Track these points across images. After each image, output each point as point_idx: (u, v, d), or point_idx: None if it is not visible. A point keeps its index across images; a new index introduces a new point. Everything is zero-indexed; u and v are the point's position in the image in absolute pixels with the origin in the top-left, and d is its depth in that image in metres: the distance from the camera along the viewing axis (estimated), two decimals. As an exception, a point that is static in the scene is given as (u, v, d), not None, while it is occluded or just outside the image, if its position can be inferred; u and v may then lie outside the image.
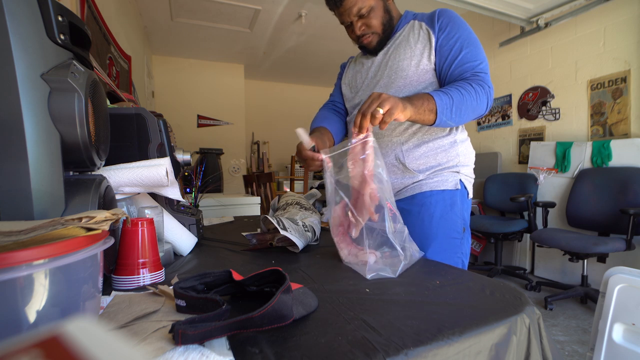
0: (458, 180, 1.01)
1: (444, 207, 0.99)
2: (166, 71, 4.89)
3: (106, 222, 0.39)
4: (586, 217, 2.59)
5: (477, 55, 0.96)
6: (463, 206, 1.02)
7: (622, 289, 0.98)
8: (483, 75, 0.93)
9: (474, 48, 0.96)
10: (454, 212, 1.00)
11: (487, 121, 3.67)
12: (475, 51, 0.96)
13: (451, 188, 1.00)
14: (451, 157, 1.02)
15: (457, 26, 0.98)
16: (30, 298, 0.30)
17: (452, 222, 0.99)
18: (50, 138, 0.45)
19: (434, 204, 0.99)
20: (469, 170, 1.06)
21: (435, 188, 1.00)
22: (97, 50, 1.91)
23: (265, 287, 0.51)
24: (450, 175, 1.02)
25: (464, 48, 0.95)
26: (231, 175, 5.26)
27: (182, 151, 1.00)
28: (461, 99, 0.87)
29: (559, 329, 2.08)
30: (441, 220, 0.98)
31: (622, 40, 2.60)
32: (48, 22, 0.45)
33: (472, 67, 0.94)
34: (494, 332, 0.44)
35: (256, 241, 0.92)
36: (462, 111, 0.88)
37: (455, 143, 1.03)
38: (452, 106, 0.86)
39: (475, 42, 0.98)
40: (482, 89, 0.90)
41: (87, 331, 0.12)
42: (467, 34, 0.98)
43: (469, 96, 0.88)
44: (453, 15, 1.00)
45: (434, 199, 1.00)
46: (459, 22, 0.99)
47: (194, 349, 0.35)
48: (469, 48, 0.96)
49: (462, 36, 0.97)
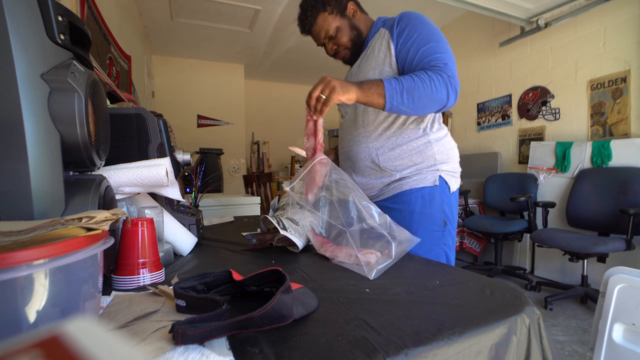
0: (437, 177, 1.06)
1: (422, 203, 1.05)
2: (166, 71, 4.89)
3: (106, 222, 0.39)
4: (586, 217, 2.59)
5: (437, 48, 0.97)
6: (443, 200, 1.06)
7: (622, 289, 0.98)
8: (442, 65, 0.94)
9: (434, 43, 0.98)
10: (433, 207, 1.05)
11: (487, 121, 3.67)
12: (435, 46, 0.97)
13: (429, 185, 1.06)
14: (427, 157, 1.06)
15: (415, 27, 1.00)
16: (30, 298, 0.30)
17: (431, 217, 1.04)
18: (50, 138, 0.45)
19: (413, 201, 1.05)
20: (449, 166, 1.09)
21: (415, 186, 1.06)
22: (97, 50, 1.91)
23: (265, 287, 0.51)
24: (429, 174, 1.06)
25: (422, 45, 0.98)
26: (231, 175, 5.26)
27: (182, 151, 1.00)
28: (412, 84, 0.90)
29: (559, 329, 2.08)
30: (421, 216, 1.04)
31: (622, 40, 2.60)
32: (48, 22, 0.45)
33: (430, 60, 0.96)
34: (494, 332, 0.44)
35: (256, 241, 0.92)
36: (415, 97, 0.90)
37: (430, 143, 1.06)
38: (402, 90, 0.89)
39: (436, 37, 0.99)
40: (439, 77, 0.91)
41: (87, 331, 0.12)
42: (426, 32, 0.99)
43: (422, 83, 0.90)
44: (412, 17, 1.03)
45: (413, 196, 1.06)
46: (419, 22, 1.01)
47: (194, 349, 0.35)
48: (429, 44, 0.97)
49: (422, 35, 0.99)
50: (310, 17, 1.10)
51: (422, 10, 1.14)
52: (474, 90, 3.79)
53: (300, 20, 1.13)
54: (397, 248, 0.70)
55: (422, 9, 3.78)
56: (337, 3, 1.09)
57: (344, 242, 0.77)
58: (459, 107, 3.98)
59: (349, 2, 1.10)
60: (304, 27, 1.13)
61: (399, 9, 1.10)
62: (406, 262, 0.75)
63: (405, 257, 0.77)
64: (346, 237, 0.76)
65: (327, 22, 1.09)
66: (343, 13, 1.10)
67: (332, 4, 1.08)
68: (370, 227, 0.75)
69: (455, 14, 3.85)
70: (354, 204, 0.79)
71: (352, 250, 0.74)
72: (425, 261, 0.78)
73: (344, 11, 1.10)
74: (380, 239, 0.74)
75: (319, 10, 1.08)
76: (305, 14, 1.11)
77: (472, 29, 3.78)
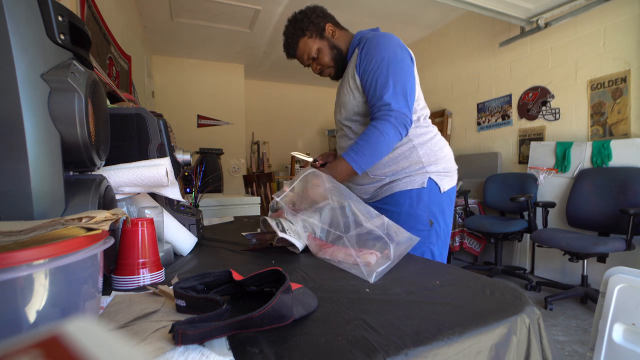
0: (425, 179, 1.12)
1: (410, 204, 1.12)
2: (166, 71, 4.89)
3: (106, 222, 0.39)
4: (586, 217, 2.59)
5: (383, 86, 1.05)
6: (431, 200, 1.12)
7: (622, 289, 0.98)
8: (385, 109, 1.04)
9: (382, 77, 1.05)
10: (420, 207, 1.12)
11: (487, 121, 3.67)
12: (382, 82, 1.05)
13: (417, 187, 1.12)
14: (413, 162, 1.13)
15: (370, 59, 1.08)
16: (30, 298, 0.30)
17: (418, 217, 1.11)
18: (50, 138, 0.45)
19: (402, 202, 1.13)
20: (439, 166, 1.15)
21: (404, 188, 1.13)
22: (97, 50, 1.91)
23: (265, 287, 0.51)
24: (418, 176, 1.13)
25: (373, 82, 1.07)
26: (231, 175, 5.26)
27: (182, 151, 1.00)
28: (370, 147, 1.04)
29: (559, 329, 2.08)
30: (408, 216, 1.11)
31: (622, 40, 2.60)
32: (48, 22, 0.45)
33: (376, 103, 1.06)
34: (494, 332, 0.44)
35: (256, 241, 0.92)
36: (376, 154, 1.05)
37: (414, 148, 1.13)
38: (367, 158, 1.04)
39: (386, 69, 1.06)
40: (387, 124, 1.03)
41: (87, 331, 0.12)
42: (378, 64, 1.06)
43: (378, 141, 1.03)
44: (369, 48, 1.09)
45: (402, 197, 1.13)
46: (373, 53, 1.07)
47: (194, 349, 0.35)
48: (378, 80, 1.06)
49: (374, 68, 1.07)
50: (292, 43, 1.20)
51: (422, 10, 1.16)
52: (474, 90, 3.79)
53: (285, 46, 1.23)
54: (395, 250, 0.70)
55: (422, 9, 3.79)
56: (315, 27, 1.17)
57: (343, 244, 0.78)
58: (459, 107, 3.99)
59: (326, 24, 1.18)
60: (288, 52, 1.24)
61: (399, 9, 1.11)
62: (406, 262, 0.75)
63: (405, 258, 0.77)
64: (344, 241, 0.76)
65: (308, 45, 1.18)
66: (322, 35, 1.18)
67: (311, 29, 1.17)
68: (368, 230, 0.75)
69: (455, 14, 3.84)
70: (350, 209, 0.81)
71: (351, 251, 0.74)
72: (425, 261, 0.78)
73: (322, 33, 1.18)
74: (379, 241, 0.74)
75: (299, 36, 1.18)
76: (287, 41, 1.21)
77: (472, 29, 3.78)
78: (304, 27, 1.17)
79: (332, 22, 1.20)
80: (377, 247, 0.73)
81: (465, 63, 3.87)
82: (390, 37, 1.10)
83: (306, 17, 1.17)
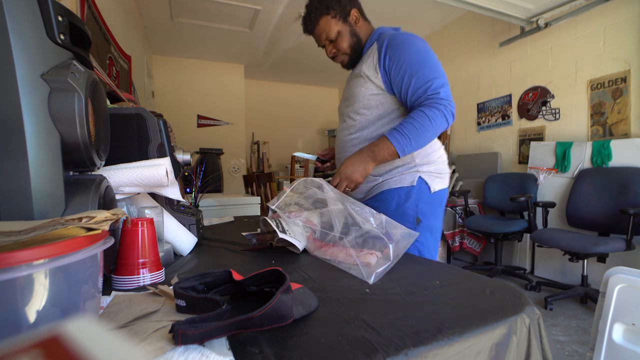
0: (416, 178, 1.11)
1: (398, 202, 1.11)
2: (166, 71, 4.89)
3: (106, 222, 0.39)
4: (586, 217, 2.59)
5: (428, 75, 1.03)
6: (420, 199, 1.11)
7: (622, 289, 0.98)
8: (434, 95, 1.02)
9: (425, 69, 1.04)
10: (407, 205, 1.11)
11: (487, 121, 3.67)
12: (426, 72, 1.03)
13: (407, 185, 1.11)
14: (406, 161, 1.12)
15: (404, 53, 1.05)
16: (30, 298, 0.30)
17: (405, 214, 1.10)
18: (50, 138, 0.45)
19: (390, 200, 1.12)
20: (432, 167, 1.14)
21: (394, 186, 1.13)
22: (97, 50, 1.91)
23: (265, 287, 0.51)
24: (408, 175, 1.12)
25: (414, 74, 1.04)
26: (231, 175, 5.26)
27: (182, 151, 1.00)
28: (415, 131, 1.01)
29: (559, 329, 2.08)
30: (395, 214, 1.09)
31: (622, 40, 2.60)
32: (48, 22, 0.45)
33: (424, 91, 1.03)
34: (494, 332, 0.44)
35: (256, 241, 0.92)
36: (421, 139, 1.03)
37: None
38: (410, 141, 1.02)
39: (425, 61, 1.05)
40: (434, 110, 1.01)
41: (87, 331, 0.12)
42: (415, 57, 1.04)
43: (422, 125, 1.01)
44: (400, 43, 1.06)
45: (390, 195, 1.13)
46: (406, 47, 1.05)
47: (194, 349, 0.35)
48: (420, 71, 1.03)
49: (411, 61, 1.04)
50: (313, 18, 1.14)
51: (422, 10, 1.16)
52: (474, 90, 3.79)
53: (304, 20, 1.17)
54: (395, 249, 0.70)
55: (422, 9, 3.79)
56: (341, 8, 1.12)
57: (343, 245, 0.78)
58: (459, 107, 3.98)
59: (352, 9, 1.13)
60: (306, 26, 1.17)
61: (399, 9, 1.11)
62: (406, 262, 0.75)
63: (405, 257, 0.77)
64: (344, 243, 0.77)
65: (329, 25, 1.13)
66: (345, 19, 1.13)
67: (336, 8, 1.11)
68: (367, 231, 0.75)
69: (455, 14, 3.84)
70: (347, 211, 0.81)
71: (351, 251, 0.74)
72: (425, 261, 0.78)
73: (346, 17, 1.13)
74: (378, 241, 0.74)
75: (322, 13, 1.12)
76: (309, 15, 1.15)
77: (472, 29, 3.78)
78: (330, 4, 1.11)
79: (358, 9, 1.16)
80: (377, 247, 0.73)
81: (465, 63, 3.87)
82: (416, 35, 1.09)
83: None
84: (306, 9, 1.16)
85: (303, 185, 0.94)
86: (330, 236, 0.82)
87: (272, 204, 0.91)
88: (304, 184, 0.94)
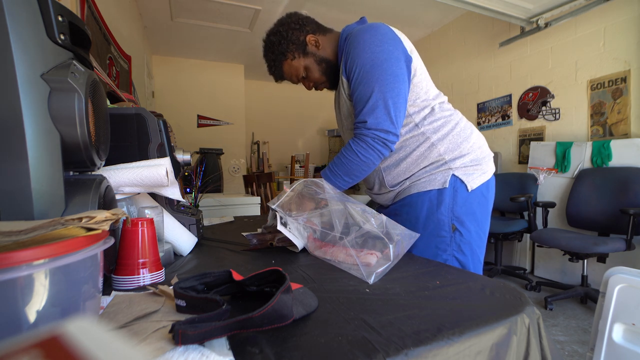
0: (447, 178, 0.98)
1: (430, 207, 0.99)
2: (166, 71, 4.89)
3: (106, 222, 0.39)
4: (586, 217, 2.59)
5: (363, 95, 0.94)
6: (455, 202, 0.98)
7: (622, 289, 0.98)
8: (361, 126, 0.95)
9: (362, 87, 0.94)
10: (441, 211, 0.98)
11: (487, 121, 3.67)
12: (361, 91, 0.95)
13: (438, 187, 0.98)
14: (433, 158, 1.00)
15: (351, 61, 0.96)
16: (30, 298, 0.30)
17: (438, 222, 0.98)
18: (50, 138, 0.45)
19: (420, 205, 1.00)
20: (465, 159, 1.00)
21: (422, 189, 1.00)
22: (97, 50, 1.91)
23: (265, 287, 0.51)
24: (439, 174, 0.99)
25: (355, 89, 0.96)
26: (231, 175, 5.26)
27: (182, 151, 1.00)
28: (344, 168, 0.98)
29: (559, 329, 2.08)
30: (427, 221, 0.99)
31: (622, 40, 2.60)
32: (48, 22, 0.45)
33: (356, 115, 0.97)
34: (494, 332, 0.44)
35: (256, 241, 0.92)
36: (354, 175, 0.98)
37: (434, 145, 1.00)
38: (343, 177, 0.98)
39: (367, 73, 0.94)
40: (363, 144, 0.94)
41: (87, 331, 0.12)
42: (359, 67, 0.94)
43: (350, 161, 0.96)
44: (351, 45, 0.97)
45: (420, 199, 1.00)
46: (353, 53, 0.96)
47: (194, 349, 0.35)
48: (359, 89, 0.95)
49: (355, 75, 0.96)
50: (276, 69, 1.10)
51: (422, 11, 1.14)
52: (474, 90, 3.79)
53: (270, 72, 1.13)
54: (395, 250, 0.70)
55: (422, 9, 3.79)
56: (296, 46, 1.05)
57: (343, 245, 0.78)
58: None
59: (306, 37, 1.05)
60: (275, 77, 1.14)
61: (399, 9, 1.10)
62: (406, 262, 0.75)
63: (405, 257, 0.77)
64: (345, 243, 0.77)
65: (293, 67, 1.07)
66: (305, 52, 1.05)
67: (291, 49, 1.05)
68: (367, 231, 0.75)
69: (455, 14, 3.84)
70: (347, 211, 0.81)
71: (352, 252, 0.74)
72: (425, 261, 0.78)
73: (305, 49, 1.05)
74: (379, 241, 0.74)
75: (281, 61, 1.08)
76: (270, 67, 1.11)
77: (472, 29, 3.78)
78: (284, 50, 1.05)
79: (312, 31, 1.06)
80: (377, 247, 0.73)
81: (465, 63, 3.87)
82: (374, 31, 0.95)
83: (282, 38, 1.04)
84: (265, 60, 1.12)
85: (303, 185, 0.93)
86: (330, 236, 0.82)
87: (273, 204, 0.91)
88: (304, 184, 0.94)
